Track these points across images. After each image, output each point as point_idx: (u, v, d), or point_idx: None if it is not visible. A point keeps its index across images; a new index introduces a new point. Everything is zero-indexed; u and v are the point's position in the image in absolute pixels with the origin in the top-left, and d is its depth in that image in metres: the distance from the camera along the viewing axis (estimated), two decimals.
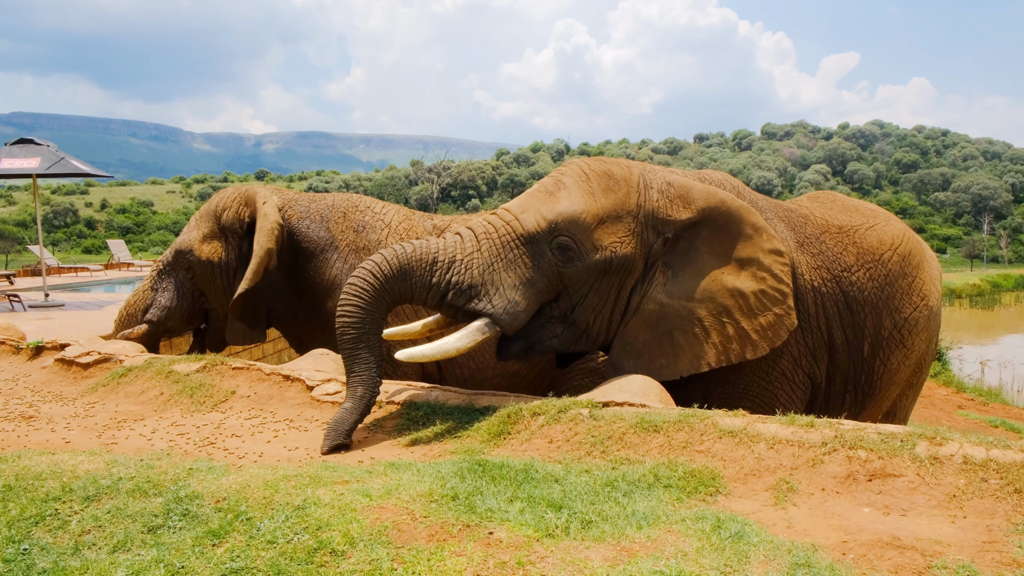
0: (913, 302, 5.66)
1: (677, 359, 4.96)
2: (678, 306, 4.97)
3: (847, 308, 5.51)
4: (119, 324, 7.03)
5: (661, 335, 4.97)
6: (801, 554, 2.62)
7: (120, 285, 18.77)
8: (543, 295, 4.83)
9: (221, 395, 5.27)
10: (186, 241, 6.71)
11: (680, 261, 5.03)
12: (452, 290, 4.66)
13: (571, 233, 4.78)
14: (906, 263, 5.70)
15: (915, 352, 5.75)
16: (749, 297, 4.96)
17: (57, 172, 11.84)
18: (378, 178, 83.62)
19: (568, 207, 4.84)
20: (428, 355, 4.65)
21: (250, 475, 3.36)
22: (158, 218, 71.90)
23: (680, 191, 5.04)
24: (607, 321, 5.01)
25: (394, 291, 4.57)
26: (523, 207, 4.94)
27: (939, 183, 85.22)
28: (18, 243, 49.91)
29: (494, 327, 4.68)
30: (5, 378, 6.18)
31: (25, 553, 2.84)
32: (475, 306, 4.67)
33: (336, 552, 2.65)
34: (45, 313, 11.09)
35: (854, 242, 5.63)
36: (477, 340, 4.65)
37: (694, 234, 5.04)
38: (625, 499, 3.15)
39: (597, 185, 4.95)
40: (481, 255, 4.73)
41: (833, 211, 5.89)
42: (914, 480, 3.20)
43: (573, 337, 5.00)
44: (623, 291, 4.97)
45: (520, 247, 4.78)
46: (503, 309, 4.66)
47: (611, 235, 4.84)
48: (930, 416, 11.58)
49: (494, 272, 4.71)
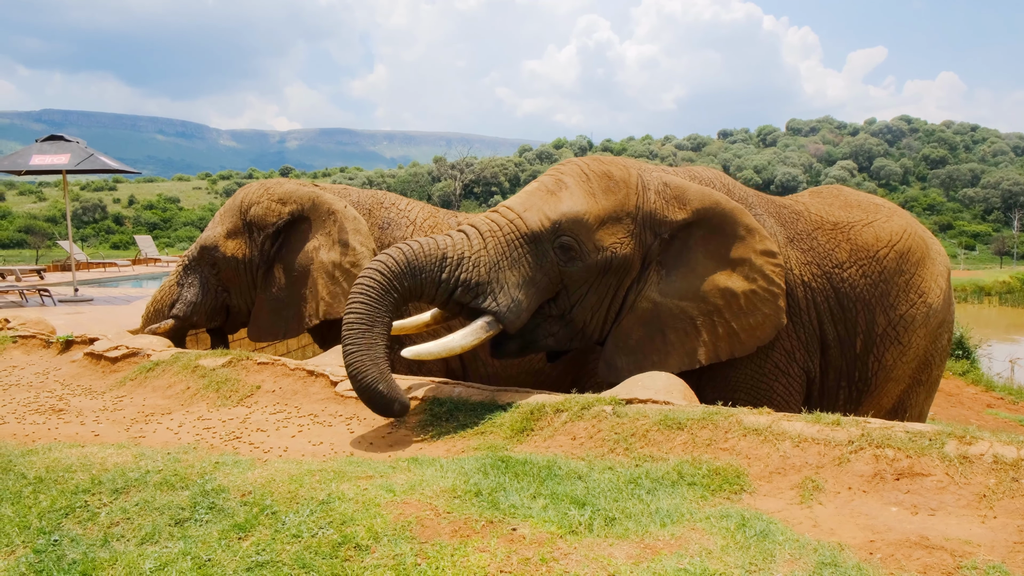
0: (910, 299, 5.60)
1: (668, 356, 5.07)
2: (671, 305, 5.08)
3: (838, 304, 5.53)
4: (146, 319, 7.11)
5: (653, 333, 5.08)
6: (827, 553, 2.59)
7: (147, 280, 18.98)
8: (544, 293, 4.91)
9: (246, 390, 5.31)
10: (211, 237, 6.76)
11: (674, 261, 5.13)
12: (460, 287, 4.70)
13: (574, 233, 4.86)
14: (904, 260, 5.64)
15: (913, 349, 5.69)
16: (740, 297, 5.07)
17: (86, 168, 11.99)
18: (401, 175, 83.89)
19: (571, 207, 4.91)
20: (434, 353, 4.69)
21: (275, 469, 3.38)
22: (184, 214, 72.66)
23: (676, 192, 5.15)
24: (603, 319, 5.12)
25: (403, 288, 4.59)
26: (525, 206, 4.98)
27: (968, 179, 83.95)
28: (48, 238, 50.67)
29: (496, 325, 4.74)
30: (36, 371, 6.28)
31: (56, 544, 2.89)
32: (480, 304, 4.71)
33: (360, 547, 2.66)
34: (74, 308, 11.25)
35: (848, 239, 5.63)
36: (481, 338, 4.71)
37: (688, 234, 5.15)
38: (649, 496, 3.14)
39: (598, 186, 5.04)
40: (487, 253, 4.78)
41: (832, 207, 5.87)
42: (943, 479, 3.16)
43: (569, 335, 5.09)
44: (620, 290, 5.09)
45: (524, 246, 4.84)
46: (507, 307, 4.73)
47: (611, 236, 4.94)
48: (958, 415, 11.42)
49: (499, 270, 4.76)
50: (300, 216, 6.62)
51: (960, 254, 61.95)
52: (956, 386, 13.05)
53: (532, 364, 6.26)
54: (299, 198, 6.65)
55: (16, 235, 57.33)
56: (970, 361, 14.74)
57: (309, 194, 6.65)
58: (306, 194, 6.66)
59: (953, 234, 73.77)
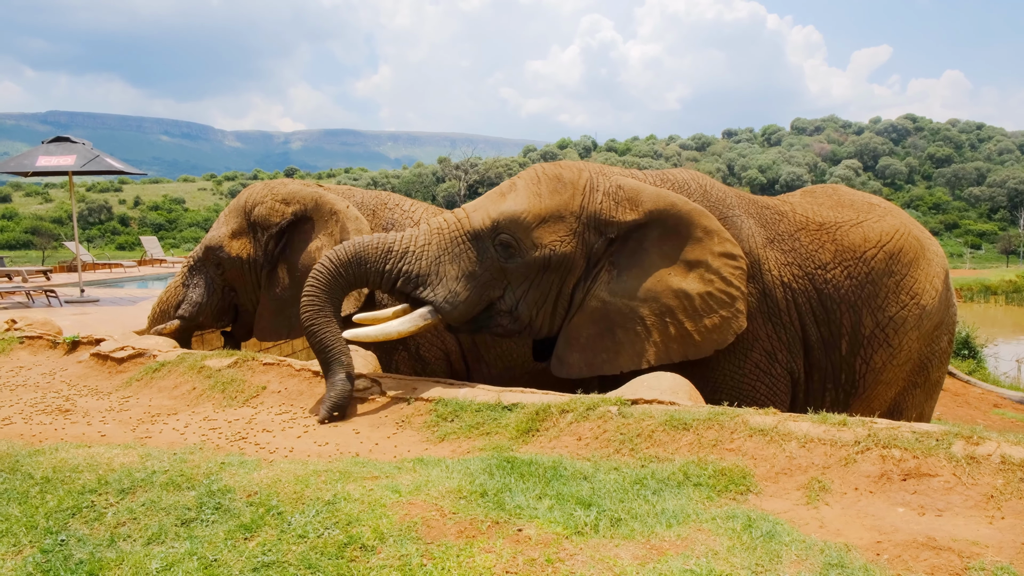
0: (901, 300, 5.53)
1: (618, 355, 5.15)
2: (620, 304, 5.15)
3: (821, 305, 5.50)
4: (152, 320, 7.12)
5: (603, 331, 5.17)
6: (834, 554, 2.58)
7: (153, 281, 19.02)
8: (486, 288, 5.17)
9: (252, 390, 5.32)
10: (215, 237, 6.77)
11: (627, 261, 5.21)
12: (402, 278, 5.13)
13: (511, 231, 5.10)
14: (894, 261, 5.56)
15: (904, 352, 5.62)
16: (695, 299, 5.09)
17: (92, 169, 12.02)
18: (405, 175, 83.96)
19: (511, 207, 5.16)
20: (371, 336, 5.12)
21: (281, 470, 3.39)
22: (189, 215, 72.86)
23: (629, 194, 5.24)
24: (550, 316, 5.26)
25: (349, 276, 5.09)
26: (475, 207, 5.34)
27: (974, 178, 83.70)
28: (54, 240, 50.83)
29: (436, 314, 5.10)
30: (43, 372, 6.29)
31: (63, 544, 2.89)
32: (420, 294, 5.13)
33: (366, 547, 2.67)
34: (81, 308, 11.27)
35: (833, 239, 5.59)
36: (419, 325, 5.08)
37: (643, 235, 5.21)
38: (654, 497, 3.14)
39: (545, 187, 5.23)
40: (430, 248, 5.17)
41: (822, 207, 5.82)
42: (950, 480, 3.15)
43: (517, 328, 5.31)
44: (564, 288, 5.22)
45: (466, 243, 5.17)
46: (443, 298, 5.09)
47: (551, 234, 5.12)
48: (965, 415, 11.38)
49: (440, 264, 5.14)
50: (303, 216, 6.64)
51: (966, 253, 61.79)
52: (963, 386, 13.01)
53: (537, 365, 6.26)
54: (302, 198, 6.66)
55: (23, 236, 57.56)
56: (977, 361, 14.69)
57: (312, 194, 6.66)
58: (309, 194, 6.67)
59: (959, 233, 73.55)
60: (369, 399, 4.99)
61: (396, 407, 4.82)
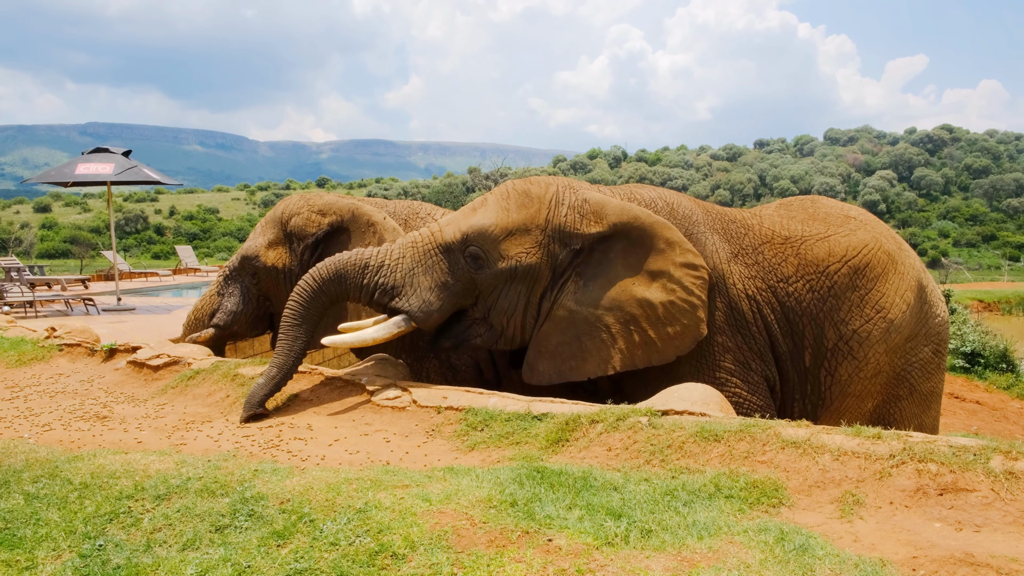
0: (865, 314, 5.53)
1: (585, 362, 5.37)
2: (586, 313, 5.38)
3: (784, 318, 5.59)
4: (187, 328, 7.23)
5: (570, 339, 5.40)
6: (869, 569, 2.55)
7: (187, 290, 19.29)
8: (458, 297, 5.45)
9: (284, 398, 5.38)
10: (252, 247, 6.87)
11: (593, 271, 5.44)
12: (378, 290, 5.40)
13: (479, 243, 5.39)
14: (858, 275, 5.57)
15: (871, 365, 5.60)
16: (657, 307, 5.29)
17: (129, 180, 12.25)
18: (436, 185, 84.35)
19: (480, 221, 5.45)
20: (349, 342, 5.43)
21: (313, 478, 3.42)
22: (223, 224, 73.78)
23: (595, 207, 5.47)
24: (520, 324, 5.51)
25: (330, 291, 5.39)
26: (449, 221, 5.62)
27: (1012, 189, 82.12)
28: (92, 249, 51.77)
29: (409, 322, 5.38)
30: (81, 379, 6.42)
31: (100, 549, 2.95)
32: (394, 304, 5.40)
33: (397, 555, 2.68)
34: (117, 317, 11.47)
35: (797, 253, 5.65)
36: (393, 332, 5.37)
37: (608, 247, 5.44)
38: (685, 509, 3.12)
39: (513, 202, 5.50)
40: (405, 261, 5.46)
41: (792, 221, 5.84)
42: (988, 495, 3.09)
43: (493, 337, 5.58)
44: (532, 297, 5.47)
45: (439, 255, 5.45)
46: (417, 307, 5.37)
47: (517, 246, 5.38)
48: (1003, 430, 11.16)
49: (414, 275, 5.42)
50: (340, 227, 6.72)
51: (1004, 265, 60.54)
52: (1001, 400, 12.76)
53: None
54: (339, 209, 6.75)
55: (62, 245, 58.69)
56: (1015, 375, 14.38)
57: (349, 206, 6.74)
58: (345, 205, 6.75)
59: (996, 245, 72.12)
60: (400, 408, 5.02)
61: (426, 416, 4.84)
